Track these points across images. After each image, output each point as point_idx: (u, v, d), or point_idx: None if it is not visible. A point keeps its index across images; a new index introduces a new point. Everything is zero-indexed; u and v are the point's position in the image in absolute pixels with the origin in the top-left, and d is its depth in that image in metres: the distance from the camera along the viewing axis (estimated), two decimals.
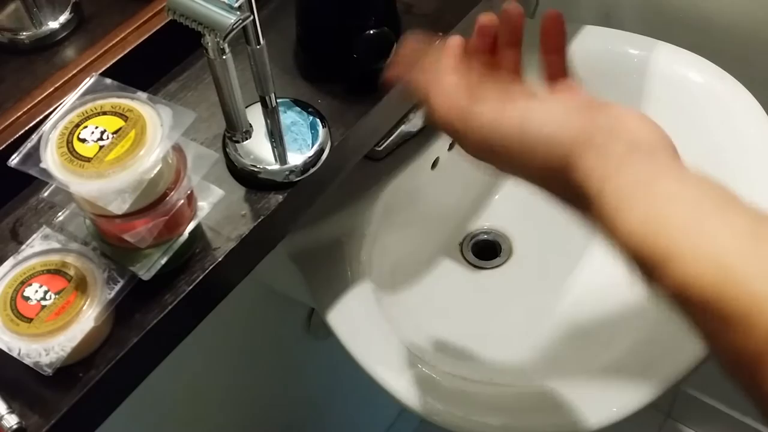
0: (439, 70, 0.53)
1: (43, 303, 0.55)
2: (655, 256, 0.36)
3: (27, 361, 0.53)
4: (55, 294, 0.56)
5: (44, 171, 0.52)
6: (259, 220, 0.63)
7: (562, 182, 0.44)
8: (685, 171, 0.41)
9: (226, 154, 0.66)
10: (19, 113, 0.62)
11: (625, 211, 0.39)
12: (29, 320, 0.54)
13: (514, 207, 0.99)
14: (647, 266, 0.37)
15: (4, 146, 0.60)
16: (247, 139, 0.64)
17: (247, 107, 0.63)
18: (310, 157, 0.66)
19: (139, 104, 0.55)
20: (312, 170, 0.66)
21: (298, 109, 0.68)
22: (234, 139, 0.64)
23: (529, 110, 0.46)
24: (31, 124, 0.61)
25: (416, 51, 0.58)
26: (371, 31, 0.67)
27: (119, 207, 0.53)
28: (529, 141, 0.45)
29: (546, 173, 0.45)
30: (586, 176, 0.42)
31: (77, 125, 0.54)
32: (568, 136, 0.43)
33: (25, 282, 0.56)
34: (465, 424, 0.77)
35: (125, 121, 0.54)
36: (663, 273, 0.36)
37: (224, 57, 0.56)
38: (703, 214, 0.37)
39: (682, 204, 0.38)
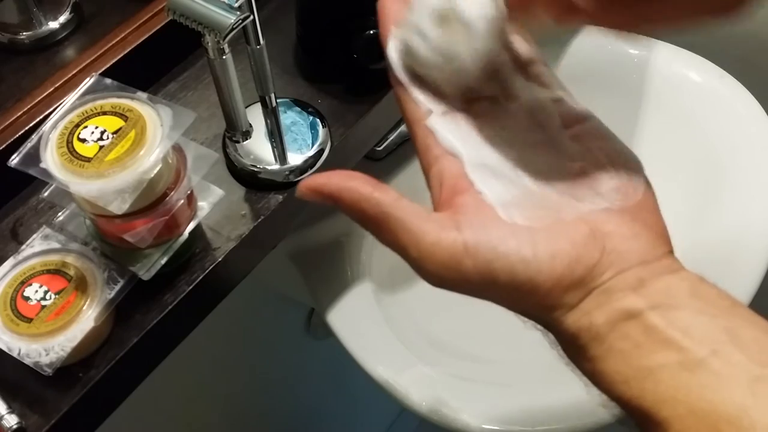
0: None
1: (43, 303, 0.55)
2: (649, 415, 0.33)
3: (27, 361, 0.53)
4: (55, 294, 0.56)
5: (44, 171, 0.52)
6: (259, 220, 0.63)
7: (528, 309, 0.37)
8: (677, 298, 0.35)
9: (226, 154, 0.66)
10: (19, 113, 0.62)
11: (612, 367, 0.34)
12: (29, 320, 0.54)
13: None
14: (639, 420, 0.34)
15: (4, 146, 0.60)
16: (247, 139, 0.64)
17: (247, 107, 0.63)
18: (310, 157, 0.66)
19: (139, 104, 0.55)
20: (312, 170, 0.66)
21: (298, 109, 0.68)
22: (234, 139, 0.64)
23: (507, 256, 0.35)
24: (31, 124, 0.61)
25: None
26: (371, 31, 0.67)
27: (119, 207, 0.53)
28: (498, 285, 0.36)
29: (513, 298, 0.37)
30: (565, 324, 0.36)
31: (77, 125, 0.54)
32: (546, 286, 0.35)
33: (25, 282, 0.56)
34: (464, 424, 0.77)
35: (125, 121, 0.54)
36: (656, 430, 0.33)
37: (224, 57, 0.56)
38: (697, 366, 0.32)
39: (677, 358, 0.33)
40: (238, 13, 0.52)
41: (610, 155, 0.38)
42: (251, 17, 0.55)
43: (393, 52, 0.41)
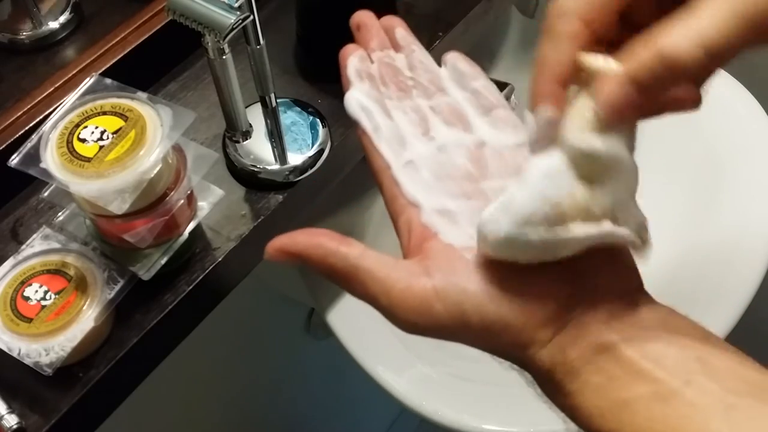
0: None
1: (43, 303, 0.55)
2: None
3: (27, 361, 0.53)
4: (55, 294, 0.56)
5: (44, 171, 0.52)
6: (259, 220, 0.63)
7: (499, 348, 0.37)
8: (651, 333, 0.34)
9: (226, 154, 0.66)
10: (19, 113, 0.62)
11: (587, 401, 0.34)
12: (29, 320, 0.54)
13: None
14: None
15: (4, 146, 0.60)
16: (247, 139, 0.64)
17: (247, 107, 0.63)
18: (310, 157, 0.66)
19: (139, 104, 0.55)
20: (312, 170, 0.66)
21: (298, 109, 0.68)
22: (234, 139, 0.64)
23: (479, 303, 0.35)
24: (31, 124, 0.61)
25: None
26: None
27: (119, 207, 0.53)
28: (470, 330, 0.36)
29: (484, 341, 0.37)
30: (539, 362, 0.36)
31: (77, 125, 0.54)
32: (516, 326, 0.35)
33: (25, 282, 0.56)
34: (464, 424, 0.77)
35: (125, 121, 0.54)
36: None
37: (224, 57, 0.56)
38: (672, 396, 0.32)
39: (650, 388, 0.33)
40: (238, 13, 0.52)
41: None
42: (251, 17, 0.55)
43: (354, 102, 0.41)
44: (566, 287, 0.35)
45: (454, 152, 0.41)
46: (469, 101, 0.43)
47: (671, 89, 0.33)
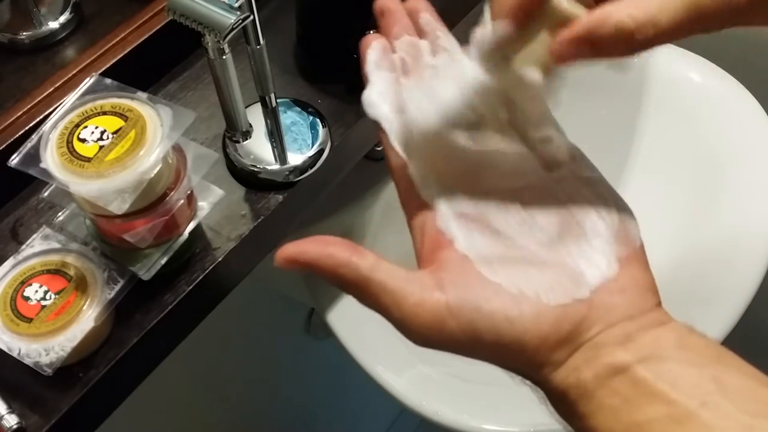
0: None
1: (43, 303, 0.55)
2: None
3: (27, 361, 0.53)
4: (55, 294, 0.56)
5: (44, 171, 0.52)
6: (259, 220, 0.63)
7: (516, 368, 0.37)
8: (666, 352, 0.34)
9: (226, 154, 0.66)
10: (19, 113, 0.62)
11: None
12: (29, 320, 0.54)
13: None
14: None
15: (4, 146, 0.60)
16: (247, 139, 0.64)
17: (247, 107, 0.63)
18: (310, 157, 0.66)
19: (139, 104, 0.55)
20: (312, 170, 0.66)
21: (298, 109, 0.68)
22: (234, 139, 0.64)
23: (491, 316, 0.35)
24: (31, 124, 0.61)
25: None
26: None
27: (119, 207, 0.53)
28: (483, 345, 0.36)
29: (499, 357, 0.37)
30: (554, 382, 0.35)
31: (77, 125, 0.54)
32: (533, 344, 0.35)
33: (25, 282, 0.56)
34: (464, 424, 0.77)
35: (125, 121, 0.54)
36: None
37: (224, 57, 0.56)
38: (687, 419, 0.32)
39: (666, 410, 0.32)
40: (238, 13, 0.52)
41: (600, 197, 0.38)
42: (251, 17, 0.55)
43: (374, 97, 0.40)
44: (582, 308, 0.35)
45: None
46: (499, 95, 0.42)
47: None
